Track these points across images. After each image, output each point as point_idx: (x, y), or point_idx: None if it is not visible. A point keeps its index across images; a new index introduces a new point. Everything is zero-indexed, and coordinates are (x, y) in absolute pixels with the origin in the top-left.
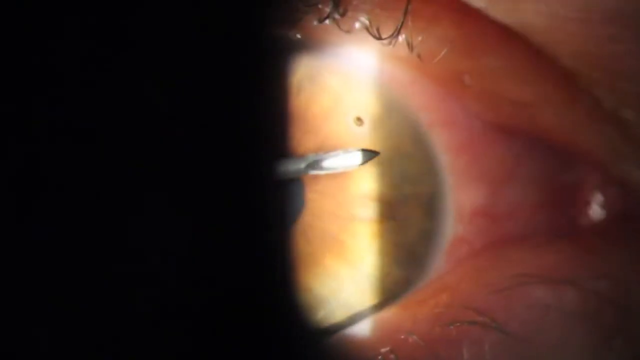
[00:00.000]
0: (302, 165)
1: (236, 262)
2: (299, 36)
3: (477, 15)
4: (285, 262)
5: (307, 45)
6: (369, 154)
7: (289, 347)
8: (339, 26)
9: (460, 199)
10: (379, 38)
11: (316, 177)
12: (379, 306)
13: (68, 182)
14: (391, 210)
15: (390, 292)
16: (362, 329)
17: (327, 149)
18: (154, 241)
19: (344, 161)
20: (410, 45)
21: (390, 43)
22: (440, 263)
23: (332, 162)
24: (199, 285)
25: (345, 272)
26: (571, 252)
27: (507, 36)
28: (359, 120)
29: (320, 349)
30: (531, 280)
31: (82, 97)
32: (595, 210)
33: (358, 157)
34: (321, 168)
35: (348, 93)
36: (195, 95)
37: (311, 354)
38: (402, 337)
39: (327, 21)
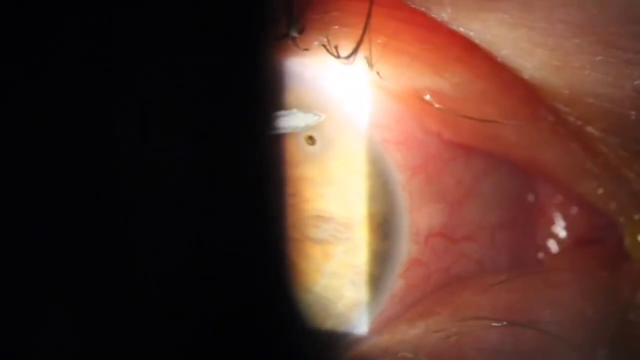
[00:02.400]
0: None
1: (235, 262)
2: (254, 52)
3: (439, 29)
4: (282, 263)
5: (260, 62)
6: (312, 117)
7: (289, 348)
8: (297, 44)
9: (416, 219)
10: (338, 56)
11: None
12: (330, 334)
13: (68, 181)
14: (344, 231)
15: (344, 316)
16: None
17: None
18: (154, 241)
19: (290, 121)
20: (369, 63)
21: (349, 61)
22: (395, 286)
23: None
24: (198, 285)
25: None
26: (528, 288)
27: (470, 50)
28: (311, 139)
29: None
30: (483, 323)
31: (81, 96)
32: (558, 232)
33: (300, 118)
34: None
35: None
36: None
37: None
38: None
39: (285, 39)
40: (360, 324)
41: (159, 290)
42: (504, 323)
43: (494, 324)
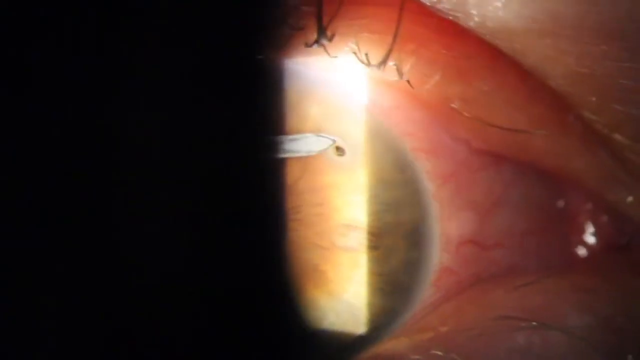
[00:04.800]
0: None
1: (236, 264)
2: (282, 60)
3: (467, 37)
4: (282, 266)
5: (289, 71)
6: (326, 141)
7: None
8: (326, 51)
9: (447, 228)
10: (368, 64)
11: (296, 206)
12: (360, 341)
13: (68, 182)
14: (374, 240)
15: (374, 324)
16: None
17: (307, 179)
18: (153, 243)
19: (305, 145)
20: (399, 71)
21: (379, 68)
22: (426, 294)
23: (294, 145)
24: (198, 287)
25: (326, 302)
26: (557, 291)
27: (498, 58)
28: (339, 149)
29: None
30: (514, 323)
31: (81, 96)
32: (587, 239)
33: (318, 142)
34: (284, 151)
35: (329, 121)
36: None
37: None
38: None
39: (314, 46)
40: (390, 332)
41: (159, 292)
42: (534, 324)
43: (523, 325)
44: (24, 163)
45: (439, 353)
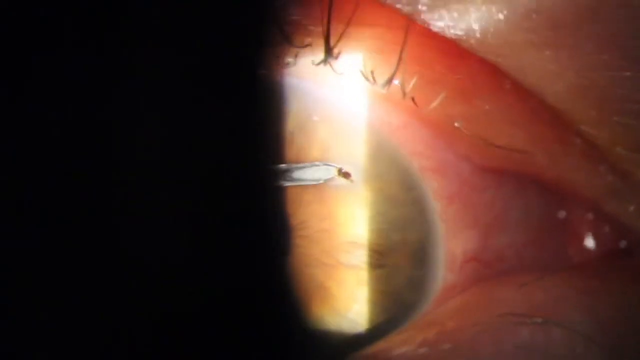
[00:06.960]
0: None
1: (235, 266)
2: (290, 78)
3: (468, 57)
4: (282, 269)
5: (298, 89)
6: (337, 170)
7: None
8: (333, 69)
9: (452, 247)
10: (374, 83)
11: (302, 222)
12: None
13: (68, 182)
14: (379, 258)
15: (378, 340)
16: None
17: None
18: (154, 243)
19: (312, 173)
20: (403, 90)
21: (384, 87)
22: (429, 309)
23: (301, 174)
24: (198, 287)
25: (331, 319)
26: (560, 291)
27: (499, 77)
28: (346, 175)
29: None
30: (519, 319)
31: (80, 97)
32: (587, 248)
33: (326, 171)
34: (292, 179)
35: (337, 141)
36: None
37: None
38: None
39: (322, 64)
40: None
41: (159, 292)
42: (538, 320)
43: (528, 321)
44: (24, 163)
45: (445, 347)
